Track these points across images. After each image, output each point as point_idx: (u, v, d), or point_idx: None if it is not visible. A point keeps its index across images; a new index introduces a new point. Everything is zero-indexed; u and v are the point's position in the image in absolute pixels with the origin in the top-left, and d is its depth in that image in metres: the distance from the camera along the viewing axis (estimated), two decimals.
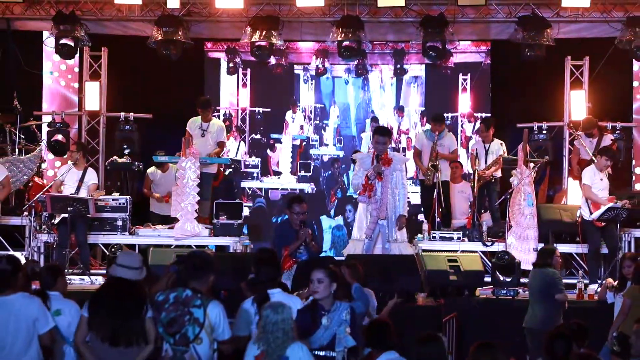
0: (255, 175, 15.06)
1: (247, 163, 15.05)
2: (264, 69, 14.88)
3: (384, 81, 15.29)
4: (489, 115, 14.26)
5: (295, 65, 15.21)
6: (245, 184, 14.96)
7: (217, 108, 14.58)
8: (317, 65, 15.00)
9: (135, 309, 6.03)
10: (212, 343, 5.79)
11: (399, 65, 14.94)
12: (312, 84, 15.18)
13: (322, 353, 6.04)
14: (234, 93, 15.28)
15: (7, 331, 6.18)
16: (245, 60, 14.82)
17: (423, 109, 15.20)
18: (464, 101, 15.16)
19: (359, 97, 15.43)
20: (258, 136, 15.16)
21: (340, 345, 6.06)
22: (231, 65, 15.00)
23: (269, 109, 15.09)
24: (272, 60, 14.59)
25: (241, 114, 15.18)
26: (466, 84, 15.03)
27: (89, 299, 6.24)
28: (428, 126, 13.19)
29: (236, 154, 14.90)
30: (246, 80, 15.20)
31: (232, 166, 13.48)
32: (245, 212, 13.09)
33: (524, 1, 13.08)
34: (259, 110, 15.11)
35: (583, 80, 13.15)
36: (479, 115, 14.89)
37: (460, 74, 14.98)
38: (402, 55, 14.88)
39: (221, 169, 12.72)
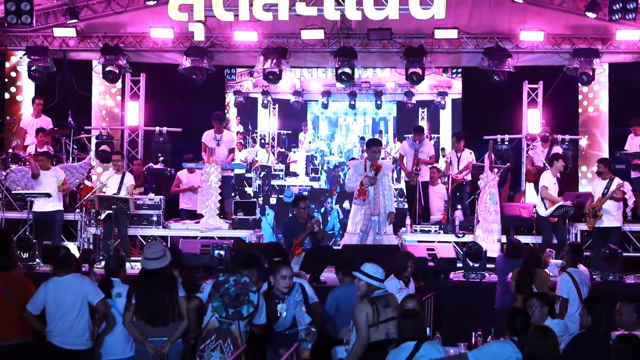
0: (280, 176, 17.61)
1: (275, 168, 17.41)
2: (287, 104, 17.35)
3: (368, 114, 17.56)
4: (460, 129, 14.20)
5: (307, 102, 17.89)
6: (274, 182, 17.28)
7: (255, 131, 17.42)
8: (322, 102, 17.11)
9: (169, 296, 6.01)
10: (248, 324, 5.70)
11: (378, 101, 17.13)
12: (325, 118, 17.76)
13: (286, 332, 5.91)
14: (266, 120, 17.82)
15: (62, 304, 6.30)
16: (274, 98, 17.33)
17: (394, 132, 17.20)
18: (423, 126, 15.97)
19: (353, 126, 17.90)
20: (282, 149, 17.67)
21: (301, 325, 5.92)
22: (265, 101, 17.40)
23: (290, 131, 17.68)
24: (293, 98, 17.49)
25: (271, 134, 17.86)
26: (424, 115, 16.88)
27: (129, 289, 6.26)
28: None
29: (267, 161, 17.24)
30: (275, 112, 17.87)
31: (265, 170, 16.89)
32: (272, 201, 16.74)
33: (489, 35, 13.06)
34: (283, 132, 17.83)
35: (538, 100, 13.22)
36: (434, 135, 17.03)
37: (420, 108, 16.82)
38: (381, 94, 17.13)
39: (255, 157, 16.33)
